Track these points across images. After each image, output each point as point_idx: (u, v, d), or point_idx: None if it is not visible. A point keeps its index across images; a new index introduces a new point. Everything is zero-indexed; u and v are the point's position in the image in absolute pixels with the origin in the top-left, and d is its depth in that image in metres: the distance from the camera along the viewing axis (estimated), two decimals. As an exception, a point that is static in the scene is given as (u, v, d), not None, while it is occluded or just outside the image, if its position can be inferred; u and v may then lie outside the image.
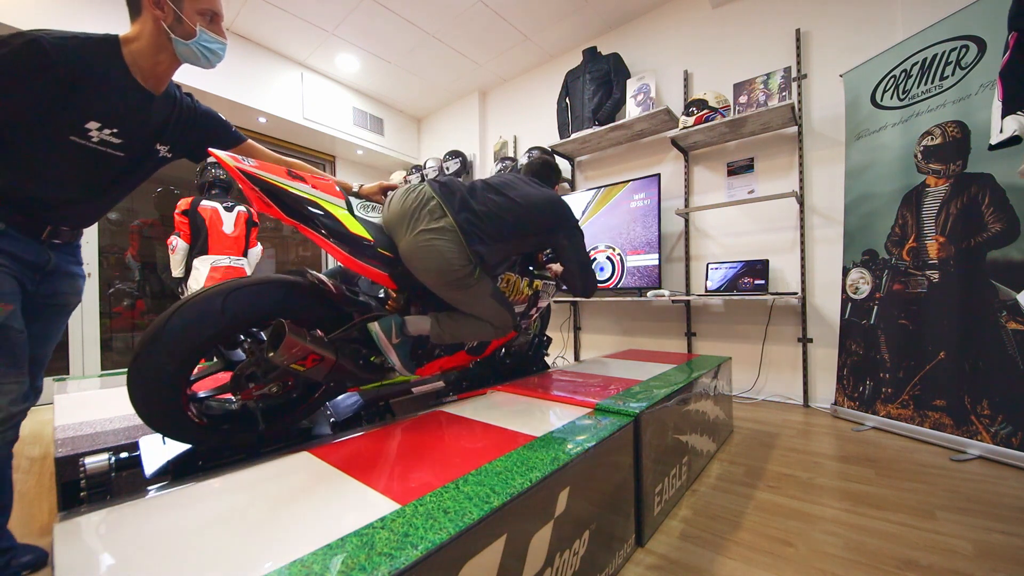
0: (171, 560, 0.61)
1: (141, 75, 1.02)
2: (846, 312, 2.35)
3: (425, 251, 1.22)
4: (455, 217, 1.24)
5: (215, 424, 1.11)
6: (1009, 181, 1.75)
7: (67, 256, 1.11)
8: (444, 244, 1.22)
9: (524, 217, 1.41)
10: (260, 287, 1.09)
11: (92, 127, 0.96)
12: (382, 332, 1.22)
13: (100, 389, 2.00)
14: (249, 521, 0.71)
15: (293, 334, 1.04)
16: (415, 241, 1.22)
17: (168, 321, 0.95)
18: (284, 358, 1.05)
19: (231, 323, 1.02)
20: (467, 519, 0.66)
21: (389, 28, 3.49)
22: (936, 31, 2.04)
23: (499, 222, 1.34)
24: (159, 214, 3.83)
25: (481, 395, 1.53)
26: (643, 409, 1.21)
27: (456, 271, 1.24)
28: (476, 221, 1.28)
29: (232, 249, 2.91)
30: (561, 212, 1.54)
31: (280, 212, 1.04)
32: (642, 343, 3.38)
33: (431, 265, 1.23)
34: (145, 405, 0.97)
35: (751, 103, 2.72)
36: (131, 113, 1.02)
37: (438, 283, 1.28)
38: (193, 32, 1.04)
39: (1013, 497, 1.40)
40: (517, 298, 1.69)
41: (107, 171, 1.06)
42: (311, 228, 1.09)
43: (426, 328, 1.32)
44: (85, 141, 0.97)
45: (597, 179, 3.68)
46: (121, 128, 1.01)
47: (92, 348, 3.19)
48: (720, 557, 1.11)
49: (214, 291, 1.02)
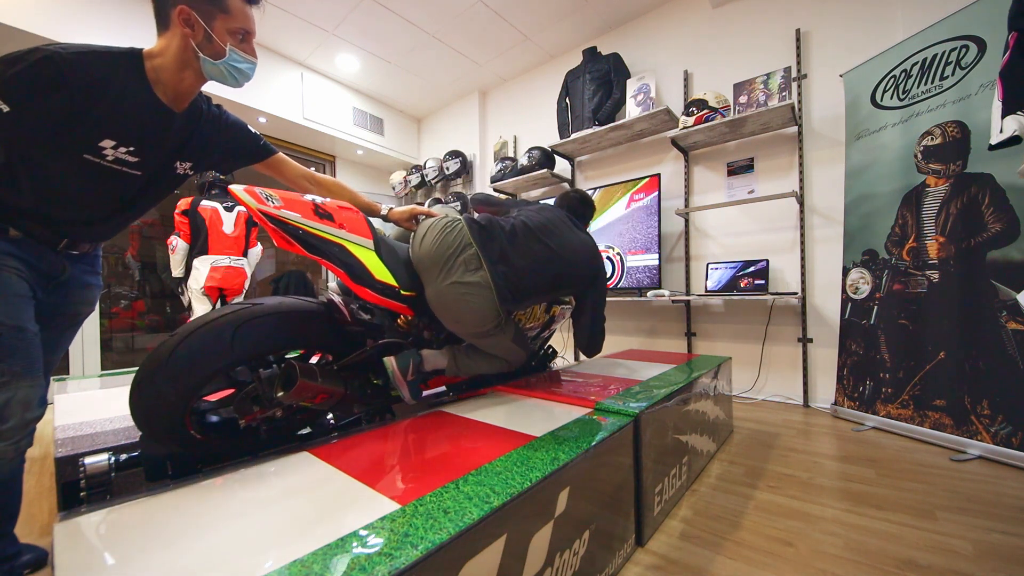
0: (171, 560, 0.61)
1: (163, 92, 0.98)
2: (846, 312, 2.35)
3: (456, 304, 1.20)
4: (491, 270, 1.20)
5: (216, 438, 1.11)
6: (1009, 181, 1.75)
7: (84, 267, 1.09)
8: (476, 301, 1.19)
9: (563, 271, 1.38)
10: (272, 319, 1.05)
11: (107, 145, 0.93)
12: (398, 370, 1.20)
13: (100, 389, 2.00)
14: (249, 521, 0.71)
15: (306, 377, 1.02)
16: (447, 292, 1.19)
17: (175, 350, 0.93)
18: (294, 399, 1.04)
19: (239, 357, 1.00)
20: (467, 519, 0.66)
21: (389, 28, 3.49)
22: (936, 31, 2.04)
23: (536, 278, 1.30)
24: (159, 214, 3.83)
25: (481, 395, 1.53)
26: (643, 409, 1.21)
27: (484, 325, 1.23)
28: (512, 276, 1.24)
29: (232, 249, 2.91)
30: (597, 267, 1.51)
31: (303, 251, 1.03)
32: (642, 343, 3.38)
33: (460, 317, 1.22)
34: (147, 425, 0.97)
35: (751, 103, 2.72)
36: (149, 131, 0.98)
37: (461, 331, 1.27)
38: (223, 52, 0.99)
39: (1013, 497, 1.40)
40: (533, 323, 1.66)
41: (123, 190, 1.02)
42: (334, 265, 1.07)
43: (442, 364, 1.31)
44: (99, 159, 0.94)
45: (597, 179, 3.68)
46: (138, 146, 0.97)
47: (92, 348, 3.19)
48: (720, 557, 1.11)
49: (225, 321, 0.99)
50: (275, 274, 4.92)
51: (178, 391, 0.94)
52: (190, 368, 0.94)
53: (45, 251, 0.98)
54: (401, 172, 4.85)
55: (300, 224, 1.02)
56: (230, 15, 0.98)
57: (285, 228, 1.00)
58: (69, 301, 1.07)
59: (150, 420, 0.96)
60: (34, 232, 0.95)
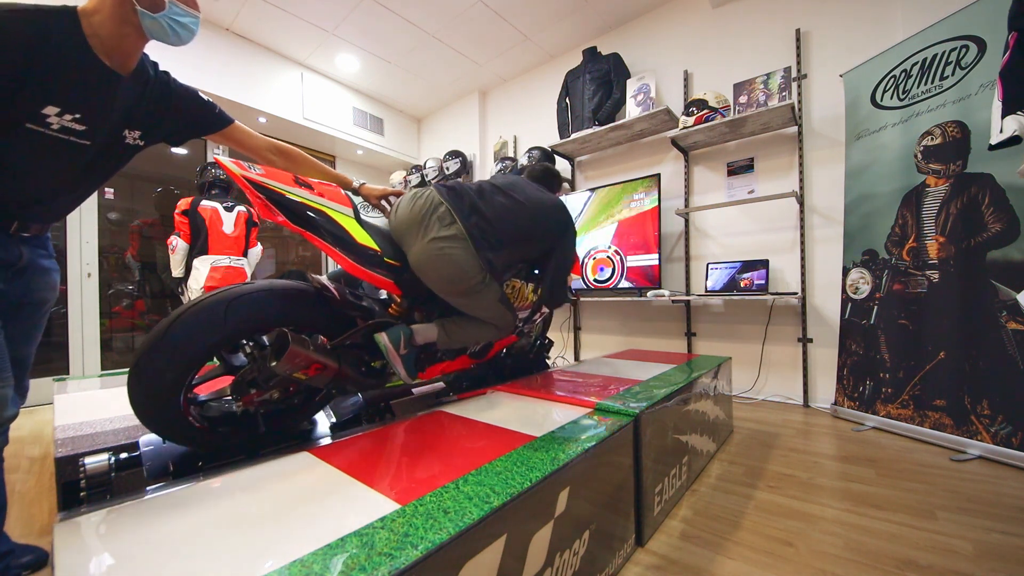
0: (171, 560, 0.61)
1: (105, 53, 0.91)
2: (846, 312, 2.35)
3: (438, 260, 1.21)
4: (465, 223, 1.24)
5: (215, 427, 1.11)
6: (1009, 181, 1.75)
7: (38, 250, 1.03)
8: (457, 253, 1.21)
9: (531, 221, 1.42)
10: (263, 295, 1.06)
11: (51, 112, 0.86)
12: (390, 344, 1.21)
13: (100, 389, 2.00)
14: (249, 521, 0.71)
15: (297, 344, 1.02)
16: (427, 250, 1.22)
17: (169, 328, 0.93)
18: (287, 368, 1.04)
19: (233, 332, 1.01)
20: (467, 519, 0.66)
21: (389, 28, 3.49)
22: (936, 31, 2.04)
23: (507, 225, 1.34)
24: (159, 214, 3.82)
25: (481, 395, 1.53)
26: (643, 409, 1.21)
27: (469, 279, 1.24)
28: (485, 226, 1.28)
29: (232, 249, 2.91)
30: (565, 219, 1.56)
31: (286, 220, 1.03)
32: (642, 343, 3.38)
33: (444, 274, 1.23)
34: (145, 410, 0.97)
35: (751, 103, 2.72)
36: (94, 96, 0.91)
37: (449, 291, 1.27)
38: (162, 4, 0.92)
39: (1013, 497, 1.40)
40: (522, 304, 1.70)
41: (72, 162, 0.96)
42: (317, 236, 1.08)
43: (433, 336, 1.32)
44: (44, 128, 0.87)
45: (597, 179, 3.68)
46: (84, 113, 0.90)
47: (92, 348, 3.19)
48: (720, 557, 1.11)
49: (216, 298, 1.00)
50: (275, 274, 4.92)
51: (175, 368, 0.94)
52: (185, 344, 0.94)
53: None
54: (401, 172, 4.85)
55: (283, 191, 1.02)
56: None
57: (268, 195, 1.00)
58: (32, 288, 1.02)
59: (148, 402, 0.96)
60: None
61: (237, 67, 3.54)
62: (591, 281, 3.34)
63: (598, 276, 3.31)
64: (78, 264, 3.15)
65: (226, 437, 1.13)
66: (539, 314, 1.87)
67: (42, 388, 2.82)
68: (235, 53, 3.54)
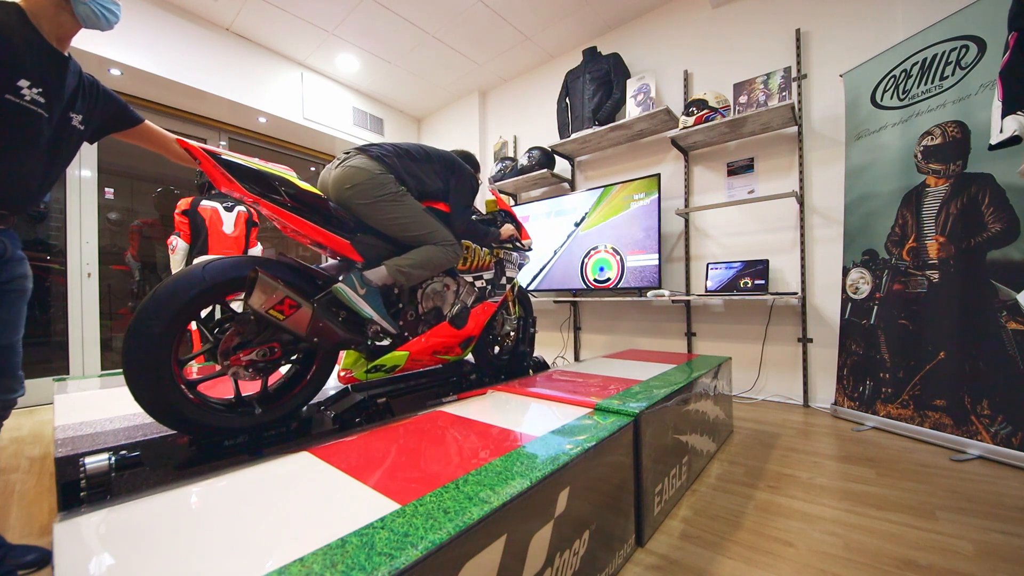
0: (171, 560, 0.61)
1: (48, 36, 1.02)
2: (846, 312, 2.35)
3: (348, 173, 1.40)
4: (366, 151, 1.46)
5: (210, 406, 1.15)
6: (1009, 181, 1.75)
7: (13, 240, 1.10)
8: (362, 162, 1.42)
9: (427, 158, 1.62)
10: (237, 260, 1.19)
11: (23, 84, 0.97)
12: (347, 287, 1.31)
13: (100, 389, 2.00)
14: (249, 521, 0.71)
15: (267, 276, 1.12)
16: (338, 174, 1.42)
17: (155, 291, 1.04)
18: (261, 301, 1.11)
19: (211, 287, 1.10)
20: (467, 519, 0.66)
21: (389, 28, 3.49)
22: (936, 31, 2.04)
23: (405, 156, 1.54)
24: (159, 214, 3.83)
25: (481, 395, 1.53)
26: (643, 409, 1.21)
27: (382, 184, 1.41)
28: (385, 155, 1.48)
29: (232, 249, 2.91)
30: (453, 159, 1.72)
31: (243, 188, 1.13)
32: (642, 343, 3.38)
33: (357, 183, 1.39)
34: (138, 372, 1.01)
35: (751, 103, 2.72)
36: (49, 73, 1.02)
37: (371, 203, 1.41)
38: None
39: (1013, 497, 1.40)
40: (481, 264, 1.85)
41: (38, 136, 1.04)
42: (274, 202, 1.19)
43: (384, 273, 1.41)
44: (19, 99, 0.97)
45: (597, 179, 3.68)
46: (44, 88, 1.01)
47: (92, 348, 3.19)
48: (720, 557, 1.11)
49: (196, 264, 1.14)
50: (275, 274, 4.91)
51: (161, 321, 1.02)
52: (170, 299, 1.04)
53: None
54: (401, 172, 4.85)
55: (242, 160, 1.14)
56: None
57: (227, 165, 1.10)
58: (14, 276, 1.09)
59: (141, 364, 1.01)
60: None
61: (237, 67, 3.54)
62: (591, 281, 3.34)
63: (598, 276, 3.31)
64: (78, 264, 3.15)
65: (221, 418, 1.16)
66: (504, 277, 2.00)
67: (42, 388, 2.82)
68: (235, 53, 3.54)
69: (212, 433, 1.15)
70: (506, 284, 2.02)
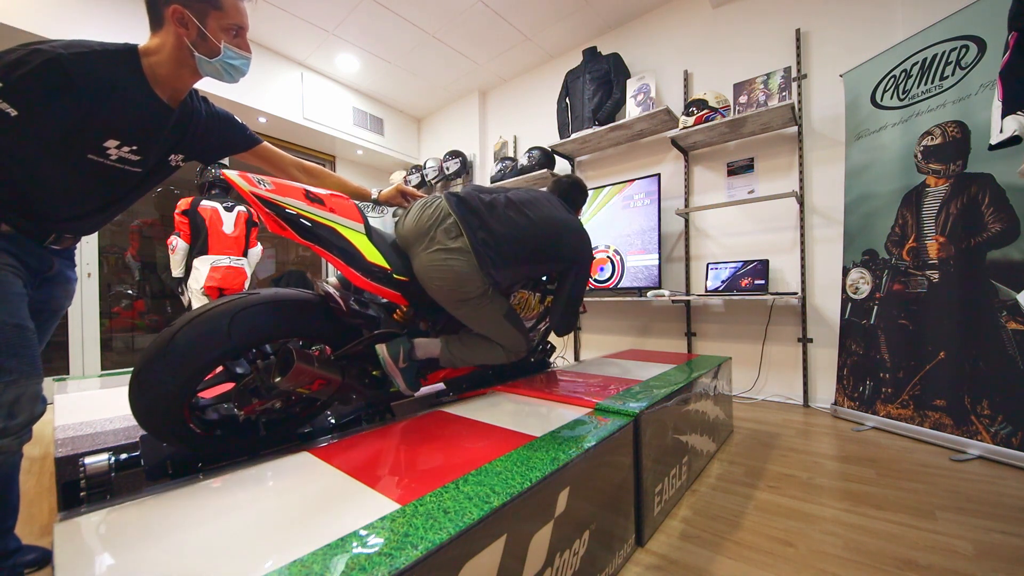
0: (171, 560, 0.61)
1: (161, 89, 0.98)
2: (846, 312, 2.35)
3: (439, 270, 1.21)
4: (471, 237, 1.22)
5: (215, 432, 1.11)
6: (1009, 181, 1.75)
7: (65, 260, 1.09)
8: (458, 264, 1.20)
9: (544, 244, 1.38)
10: (267, 307, 1.06)
11: (111, 145, 0.94)
12: (389, 357, 1.20)
13: (100, 389, 2.00)
14: (249, 521, 0.71)
15: (302, 361, 1.02)
16: (430, 260, 1.21)
17: (172, 339, 0.93)
18: (291, 384, 1.04)
19: (237, 345, 1.00)
20: (467, 519, 0.66)
21: (389, 28, 3.49)
22: (936, 31, 2.04)
23: (517, 245, 1.31)
24: (159, 214, 3.83)
25: (481, 395, 1.53)
26: (643, 409, 1.21)
27: (468, 291, 1.23)
28: (493, 243, 1.25)
29: (232, 249, 2.91)
30: (582, 246, 1.51)
31: (295, 235, 1.03)
32: (642, 343, 3.38)
33: (444, 284, 1.22)
34: (147, 417, 0.97)
35: (751, 103, 2.72)
36: (150, 129, 0.99)
37: (450, 300, 1.26)
38: (218, 50, 0.99)
39: (1013, 497, 1.40)
40: (528, 314, 1.67)
41: (121, 186, 1.04)
42: (326, 250, 1.08)
43: (435, 352, 1.31)
44: (103, 159, 0.95)
45: (597, 179, 3.68)
46: (140, 145, 0.98)
47: (92, 348, 3.19)
48: (720, 557, 1.11)
49: (221, 310, 0.99)
50: (275, 274, 4.92)
51: (177, 380, 0.94)
52: (188, 356, 0.94)
53: (34, 247, 0.98)
54: (401, 172, 4.85)
55: (293, 207, 1.02)
56: (223, 12, 0.98)
57: (277, 211, 1.00)
58: (53, 296, 1.07)
59: (150, 412, 0.95)
60: (22, 227, 0.94)
61: (237, 67, 3.53)
62: (591, 281, 3.34)
63: (598, 276, 3.31)
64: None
65: (226, 441, 1.13)
66: (544, 323, 1.85)
67: (42, 388, 2.81)
68: (235, 53, 3.54)
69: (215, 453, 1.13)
70: (543, 327, 1.87)
